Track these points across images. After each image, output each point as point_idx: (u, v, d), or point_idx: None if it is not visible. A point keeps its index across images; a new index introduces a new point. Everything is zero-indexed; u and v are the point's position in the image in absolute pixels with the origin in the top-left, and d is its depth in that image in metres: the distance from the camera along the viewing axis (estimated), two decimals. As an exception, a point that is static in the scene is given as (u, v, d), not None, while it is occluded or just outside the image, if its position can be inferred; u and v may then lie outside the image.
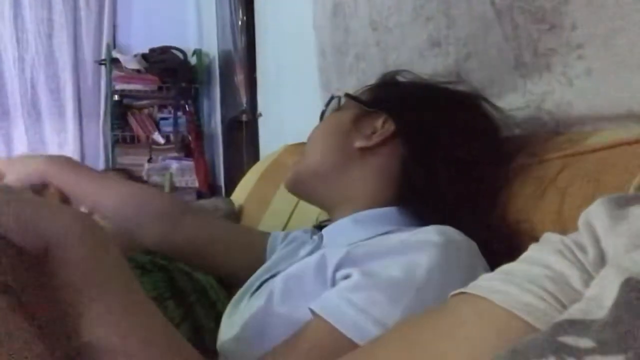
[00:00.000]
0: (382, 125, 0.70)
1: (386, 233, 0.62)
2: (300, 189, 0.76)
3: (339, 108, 0.78)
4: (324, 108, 0.80)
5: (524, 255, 0.37)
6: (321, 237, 0.70)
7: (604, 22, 0.63)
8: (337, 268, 0.55)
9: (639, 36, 0.59)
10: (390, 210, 0.66)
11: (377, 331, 0.46)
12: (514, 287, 0.33)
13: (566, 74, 0.70)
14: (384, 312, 0.48)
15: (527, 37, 0.74)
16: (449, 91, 0.74)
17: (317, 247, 0.69)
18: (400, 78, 0.80)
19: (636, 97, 0.61)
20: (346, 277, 0.53)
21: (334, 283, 0.55)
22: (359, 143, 0.69)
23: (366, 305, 0.48)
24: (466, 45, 0.85)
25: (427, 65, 0.93)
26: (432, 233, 0.54)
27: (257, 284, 0.69)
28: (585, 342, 0.22)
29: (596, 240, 0.32)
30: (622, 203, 0.32)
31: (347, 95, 0.77)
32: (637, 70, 0.60)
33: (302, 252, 0.71)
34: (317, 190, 0.73)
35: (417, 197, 0.65)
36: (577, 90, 0.69)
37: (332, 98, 0.80)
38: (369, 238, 0.61)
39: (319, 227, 0.78)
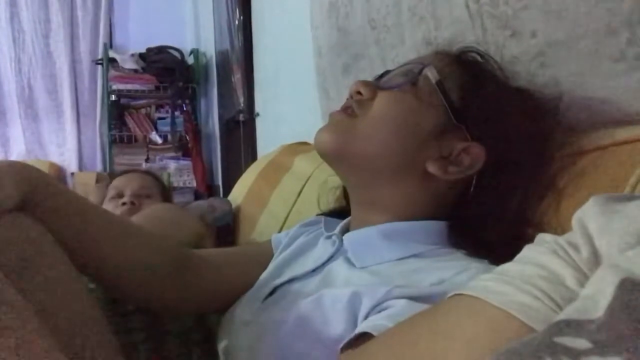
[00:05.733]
0: (464, 151, 0.58)
1: (418, 255, 0.57)
2: (337, 160, 0.63)
3: (411, 83, 0.61)
4: (387, 71, 0.66)
5: (519, 255, 0.37)
6: (341, 240, 0.64)
7: (564, 29, 0.63)
8: (376, 305, 0.50)
9: (602, 43, 0.59)
10: (422, 225, 0.60)
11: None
12: (509, 287, 0.33)
13: (533, 83, 0.68)
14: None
15: (494, 43, 0.73)
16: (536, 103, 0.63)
17: (338, 251, 0.64)
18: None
19: (606, 103, 0.61)
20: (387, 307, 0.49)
21: (365, 318, 0.50)
22: (432, 167, 0.58)
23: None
24: (451, 46, 0.85)
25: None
26: None
27: (270, 288, 0.65)
28: (581, 343, 0.22)
29: (589, 239, 0.32)
30: (616, 202, 0.32)
31: (439, 84, 0.59)
32: (604, 77, 0.60)
33: (317, 253, 0.67)
34: (356, 175, 0.62)
35: (468, 225, 0.58)
36: None
37: (411, 67, 0.62)
38: (400, 259, 0.57)
39: (328, 214, 0.75)
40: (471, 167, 0.58)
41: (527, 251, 0.36)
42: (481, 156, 0.58)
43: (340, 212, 0.74)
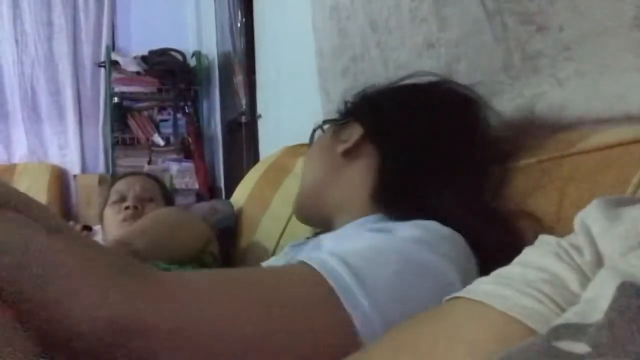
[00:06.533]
0: (355, 130, 0.74)
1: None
2: (305, 214, 0.80)
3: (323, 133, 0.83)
4: (309, 140, 0.85)
5: (519, 258, 0.36)
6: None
7: (590, 23, 0.63)
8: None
9: (627, 36, 0.59)
10: (379, 217, 0.67)
11: (331, 259, 0.48)
12: (511, 291, 0.33)
13: (555, 76, 0.69)
14: (343, 248, 0.51)
15: (516, 39, 0.74)
16: (411, 85, 0.76)
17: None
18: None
19: (628, 97, 0.61)
20: None
21: None
22: (340, 148, 0.73)
23: (331, 247, 0.53)
24: (458, 46, 0.85)
25: (424, 66, 0.93)
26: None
27: None
28: (580, 347, 0.22)
29: (592, 242, 0.32)
30: (618, 204, 0.32)
31: (325, 121, 0.83)
32: (627, 71, 0.60)
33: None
34: (318, 207, 0.75)
35: (394, 192, 0.67)
36: (569, 93, 0.68)
37: (314, 130, 0.85)
38: None
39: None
40: (356, 133, 0.72)
41: (528, 254, 0.36)
42: (356, 125, 0.73)
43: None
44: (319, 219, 0.78)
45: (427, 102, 0.72)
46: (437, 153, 0.67)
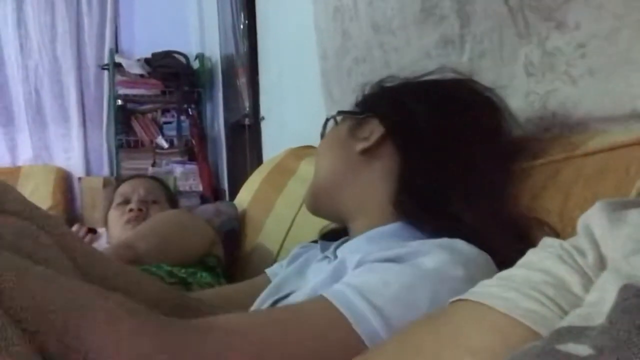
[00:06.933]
0: (365, 124, 0.71)
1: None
2: (318, 208, 0.76)
3: (337, 125, 0.79)
4: (322, 131, 0.81)
5: (522, 260, 0.37)
6: (335, 255, 0.69)
7: (605, 20, 0.63)
8: (357, 267, 0.57)
9: (638, 35, 0.59)
10: (400, 225, 0.64)
11: (359, 301, 0.48)
12: (514, 293, 0.33)
13: (569, 73, 0.69)
14: (369, 284, 0.50)
15: (537, 35, 0.74)
16: (434, 82, 0.73)
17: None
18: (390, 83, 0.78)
19: (637, 95, 0.61)
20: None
21: None
22: (359, 147, 0.70)
23: (358, 283, 0.51)
24: (481, 42, 0.85)
25: (433, 66, 0.93)
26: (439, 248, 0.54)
27: (270, 302, 0.68)
28: (583, 350, 0.22)
29: (595, 244, 0.32)
30: (621, 207, 0.32)
31: (340, 112, 0.78)
32: (637, 69, 0.60)
33: (316, 269, 0.70)
34: (332, 204, 0.73)
35: (417, 200, 0.63)
36: (581, 90, 0.68)
37: (327, 120, 0.80)
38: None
39: (324, 237, 0.78)
40: (377, 131, 0.69)
41: (532, 256, 0.36)
42: (375, 121, 0.70)
43: (336, 233, 0.77)
44: (332, 216, 0.76)
45: (454, 103, 0.68)
46: (464, 159, 0.64)
